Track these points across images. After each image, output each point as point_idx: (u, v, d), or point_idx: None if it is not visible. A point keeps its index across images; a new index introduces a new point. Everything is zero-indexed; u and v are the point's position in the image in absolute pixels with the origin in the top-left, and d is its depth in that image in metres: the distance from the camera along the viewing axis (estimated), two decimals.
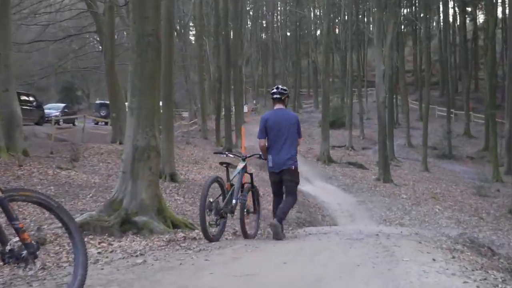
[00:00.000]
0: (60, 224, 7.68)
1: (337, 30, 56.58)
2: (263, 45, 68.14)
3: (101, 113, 38.09)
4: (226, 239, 8.21)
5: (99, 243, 7.08)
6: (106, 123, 33.62)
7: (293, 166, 7.60)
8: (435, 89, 54.79)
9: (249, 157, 8.28)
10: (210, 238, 6.93)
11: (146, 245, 6.89)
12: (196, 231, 8.93)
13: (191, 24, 49.70)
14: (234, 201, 7.41)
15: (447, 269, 4.61)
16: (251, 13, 62.51)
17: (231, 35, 34.37)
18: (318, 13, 60.80)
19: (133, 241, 7.42)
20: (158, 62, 8.91)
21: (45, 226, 8.01)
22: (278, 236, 7.15)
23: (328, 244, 6.55)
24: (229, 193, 7.45)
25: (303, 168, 22.59)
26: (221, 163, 8.09)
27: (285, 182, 7.66)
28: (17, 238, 3.33)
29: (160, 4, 9.84)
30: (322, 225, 14.15)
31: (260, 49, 69.26)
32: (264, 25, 70.58)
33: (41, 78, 28.02)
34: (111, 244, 7.01)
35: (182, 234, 8.11)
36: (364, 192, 22.67)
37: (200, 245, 6.66)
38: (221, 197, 7.50)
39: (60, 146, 20.97)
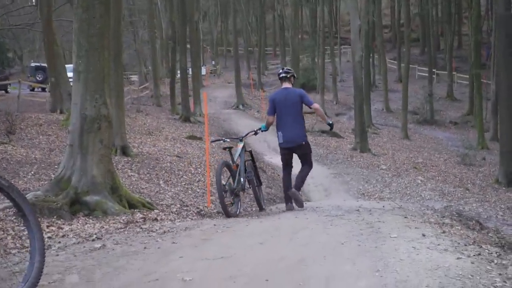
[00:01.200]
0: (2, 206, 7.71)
1: None
2: None
3: (37, 78, 37.24)
4: (191, 219, 8.30)
5: (48, 226, 7.06)
6: (43, 89, 32.94)
7: (304, 141, 9.18)
8: (415, 46, 55.46)
9: (244, 136, 9.80)
10: (232, 216, 8.34)
11: (102, 228, 6.92)
12: (156, 211, 8.99)
13: None
14: (242, 179, 8.98)
15: (438, 244, 4.80)
16: None
17: None
18: None
19: (86, 223, 7.42)
20: (107, 18, 8.77)
21: None
22: (299, 202, 8.95)
23: (306, 222, 6.69)
24: (237, 173, 8.99)
25: (270, 137, 22.70)
26: (224, 148, 10.00)
27: (300, 157, 9.25)
28: None
29: None
30: None
31: (218, 1, 68.56)
32: None
33: None
34: (61, 228, 7.00)
35: (141, 215, 8.15)
36: (340, 163, 22.95)
37: (164, 226, 6.71)
38: (231, 179, 9.11)
39: None
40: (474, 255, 4.51)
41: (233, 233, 5.91)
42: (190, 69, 33.41)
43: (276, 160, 22.11)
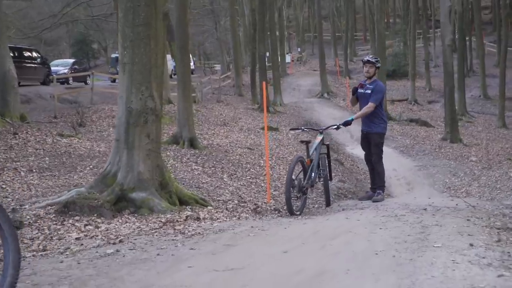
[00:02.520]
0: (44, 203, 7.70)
1: None
2: None
3: (118, 69, 38.08)
4: (238, 218, 8.00)
5: (85, 225, 6.96)
6: None
7: None
8: None
9: (325, 129, 9.93)
10: (295, 214, 8.30)
11: (137, 228, 6.74)
12: (209, 207, 8.75)
13: None
14: (313, 175, 8.96)
15: (483, 257, 4.21)
16: None
17: None
18: None
19: (126, 222, 7.27)
20: (153, 6, 8.57)
21: (26, 206, 7.98)
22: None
23: (354, 225, 6.21)
24: (309, 168, 8.94)
25: (355, 127, 22.08)
26: (301, 141, 10.22)
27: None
28: None
29: None
30: None
31: None
32: None
33: (43, 30, 27.97)
34: (98, 227, 6.88)
35: (188, 213, 7.91)
36: (426, 154, 21.97)
37: (199, 227, 6.44)
38: (302, 174, 8.96)
39: (67, 109, 21.12)
40: None
41: (264, 238, 5.52)
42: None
43: (357, 151, 21.51)
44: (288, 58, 50.84)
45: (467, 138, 25.72)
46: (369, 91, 9.60)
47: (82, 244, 5.70)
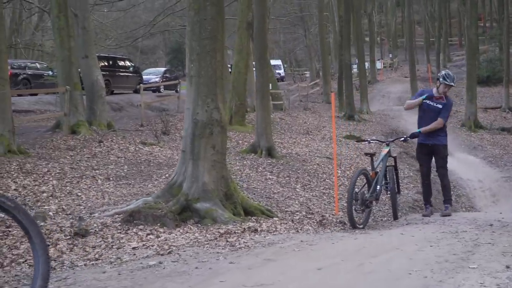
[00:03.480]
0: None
1: None
2: None
3: None
4: (297, 231, 8.03)
5: (147, 235, 7.18)
6: None
7: None
8: None
9: (392, 141, 10.03)
10: (357, 227, 8.24)
11: (194, 239, 6.89)
12: (275, 219, 8.81)
13: None
14: (378, 187, 8.86)
15: None
16: None
17: None
18: None
19: (186, 232, 7.44)
20: (219, 20, 8.76)
21: (96, 214, 8.34)
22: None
23: (405, 242, 6.11)
24: (374, 181, 8.83)
25: None
26: (366, 154, 10.13)
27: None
28: None
29: None
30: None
31: None
32: None
33: (135, 39, 28.98)
34: (159, 237, 7.08)
35: (250, 224, 7.99)
36: None
37: (251, 240, 6.53)
38: (366, 187, 8.84)
39: (154, 117, 21.76)
40: None
41: (307, 254, 5.53)
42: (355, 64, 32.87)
43: None
44: (378, 65, 50.20)
45: None
46: (440, 106, 9.32)
47: (134, 254, 5.92)
